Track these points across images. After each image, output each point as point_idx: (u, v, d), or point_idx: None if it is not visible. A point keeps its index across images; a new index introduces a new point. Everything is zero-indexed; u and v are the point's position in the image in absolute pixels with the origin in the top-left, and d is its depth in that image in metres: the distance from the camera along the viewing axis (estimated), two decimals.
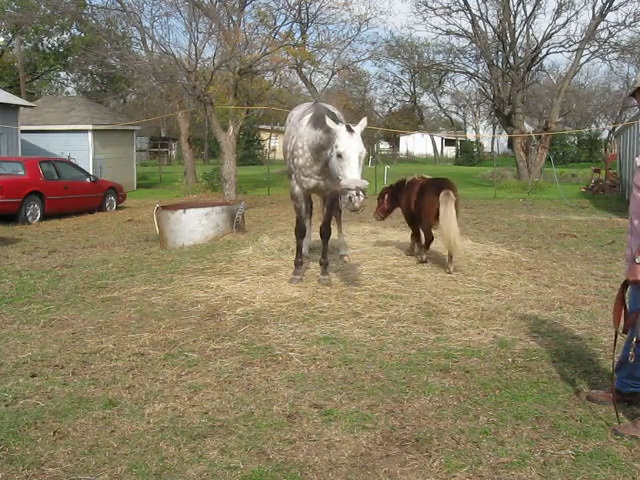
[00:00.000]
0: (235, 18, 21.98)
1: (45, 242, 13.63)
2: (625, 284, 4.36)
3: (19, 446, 4.02)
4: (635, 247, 4.21)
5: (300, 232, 8.45)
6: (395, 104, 64.02)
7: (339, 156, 6.72)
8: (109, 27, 29.42)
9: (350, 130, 6.85)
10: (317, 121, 7.41)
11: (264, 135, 56.24)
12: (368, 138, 38.06)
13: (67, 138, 26.81)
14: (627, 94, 4.64)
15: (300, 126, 7.90)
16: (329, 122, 6.92)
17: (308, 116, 7.85)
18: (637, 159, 4.33)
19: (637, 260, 4.13)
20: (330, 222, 8.48)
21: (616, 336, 4.46)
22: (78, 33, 39.18)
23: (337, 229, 9.77)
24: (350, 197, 6.49)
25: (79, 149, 26.39)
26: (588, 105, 59.98)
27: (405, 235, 11.72)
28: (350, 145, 6.73)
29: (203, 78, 21.06)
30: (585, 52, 30.24)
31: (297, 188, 8.13)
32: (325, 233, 8.40)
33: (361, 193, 6.50)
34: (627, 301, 4.48)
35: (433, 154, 62.81)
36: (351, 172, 6.65)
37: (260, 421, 4.35)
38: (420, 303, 7.22)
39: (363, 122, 7.16)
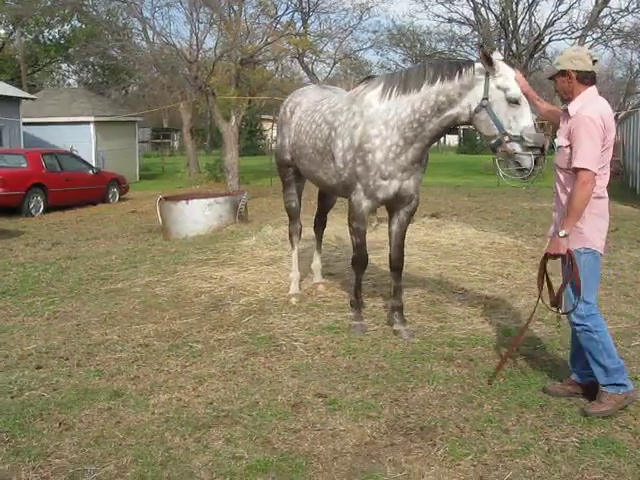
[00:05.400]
0: (236, 8, 21.89)
1: (48, 234, 13.64)
2: (545, 258, 4.47)
3: (25, 437, 4.04)
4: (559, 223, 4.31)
5: (361, 265, 6.12)
6: None
7: (514, 102, 4.98)
8: (110, 18, 29.42)
9: (511, 65, 5.11)
10: (409, 80, 5.46)
11: (266, 125, 56.14)
12: None
13: (69, 130, 26.76)
14: (544, 76, 4.66)
15: (367, 108, 5.63)
16: (474, 65, 5.18)
17: (375, 90, 5.69)
18: (556, 140, 4.41)
19: (561, 234, 4.21)
20: (404, 245, 6.13)
21: (535, 309, 4.70)
22: (79, 24, 39.12)
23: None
24: (537, 158, 4.98)
25: (81, 141, 26.35)
26: None
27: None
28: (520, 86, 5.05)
29: (205, 68, 21.02)
30: (588, 39, 30.07)
31: (365, 203, 5.75)
32: (397, 261, 6.05)
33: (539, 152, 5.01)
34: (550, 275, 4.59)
35: (435, 143, 62.55)
36: (530, 124, 4.99)
37: (265, 411, 4.36)
38: (424, 292, 7.21)
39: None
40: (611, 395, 4.27)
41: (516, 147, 5.00)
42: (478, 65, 5.16)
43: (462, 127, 63.92)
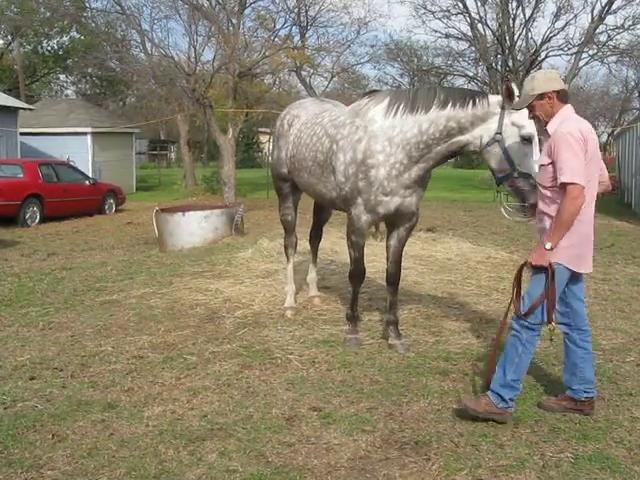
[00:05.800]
0: (234, 21, 22.00)
1: (44, 245, 13.62)
2: (522, 267, 4.49)
3: (18, 449, 4.02)
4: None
5: (359, 278, 6.16)
6: None
7: (527, 140, 5.00)
8: (108, 30, 29.45)
9: None
10: (417, 100, 5.44)
11: (263, 138, 56.29)
12: None
13: (66, 141, 26.81)
14: (520, 105, 4.63)
15: (371, 122, 5.58)
16: (489, 98, 5.19)
17: (380, 105, 5.61)
18: (539, 159, 4.49)
19: (547, 246, 4.18)
20: (401, 260, 6.17)
21: (507, 311, 4.65)
22: (77, 36, 39.23)
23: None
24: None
25: (78, 152, 26.39)
26: (587, 108, 59.93)
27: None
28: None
29: (202, 81, 21.09)
30: (584, 55, 30.31)
31: (365, 217, 5.75)
32: (393, 276, 6.09)
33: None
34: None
35: None
36: (535, 164, 4.85)
37: (259, 424, 4.35)
38: (419, 306, 7.21)
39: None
40: (490, 402, 4.33)
41: (523, 184, 5.02)
42: (494, 98, 5.21)
43: None
